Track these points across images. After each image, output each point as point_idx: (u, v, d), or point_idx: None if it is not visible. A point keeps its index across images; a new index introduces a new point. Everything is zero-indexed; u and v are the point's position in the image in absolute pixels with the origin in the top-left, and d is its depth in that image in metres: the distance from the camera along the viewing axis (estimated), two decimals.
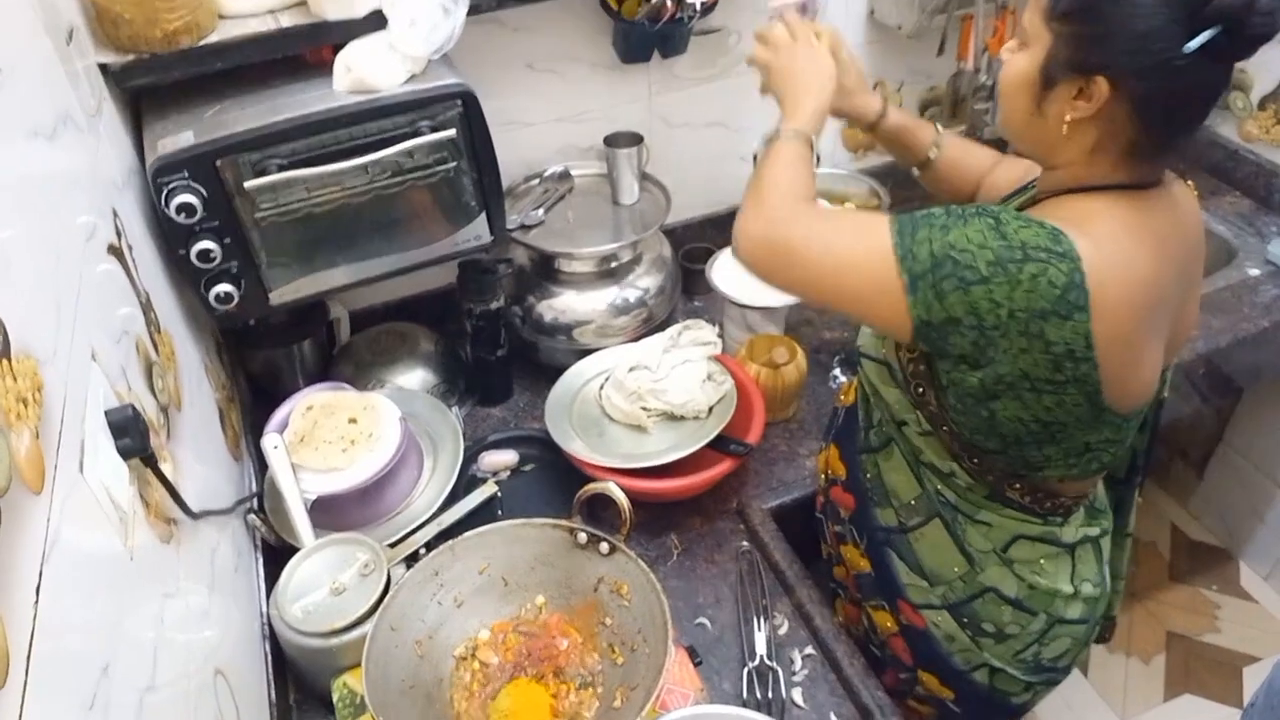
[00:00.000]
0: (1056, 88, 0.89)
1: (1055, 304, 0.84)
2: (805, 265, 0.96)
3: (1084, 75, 0.87)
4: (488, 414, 1.62)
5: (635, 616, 1.08)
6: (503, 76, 1.58)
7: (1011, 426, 0.95)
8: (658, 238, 1.68)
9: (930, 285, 0.88)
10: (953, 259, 0.87)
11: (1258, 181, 1.99)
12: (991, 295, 0.85)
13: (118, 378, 0.83)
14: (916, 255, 0.89)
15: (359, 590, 1.11)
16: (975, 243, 0.86)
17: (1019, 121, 0.95)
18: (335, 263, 1.29)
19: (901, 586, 1.17)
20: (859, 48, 1.85)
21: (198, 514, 0.93)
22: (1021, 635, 1.12)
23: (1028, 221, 0.87)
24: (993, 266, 0.85)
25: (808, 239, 0.96)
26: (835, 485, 1.27)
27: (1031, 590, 1.09)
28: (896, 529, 1.16)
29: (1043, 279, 0.84)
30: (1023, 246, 0.85)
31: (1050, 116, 0.91)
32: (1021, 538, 1.07)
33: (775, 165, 1.04)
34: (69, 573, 0.61)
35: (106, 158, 1.03)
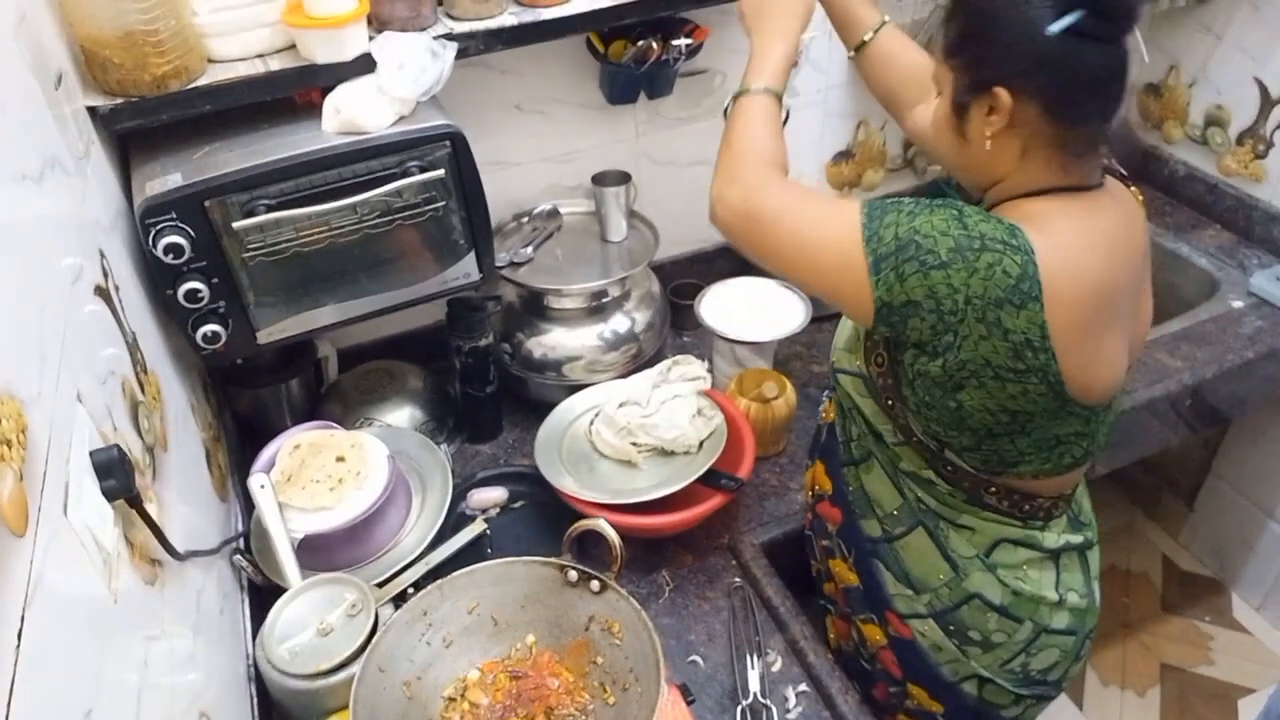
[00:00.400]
0: (969, 113, 0.96)
1: (1009, 293, 0.88)
2: (777, 236, 0.99)
3: (985, 93, 0.93)
4: (477, 451, 1.61)
5: (627, 655, 1.07)
6: (491, 118, 1.60)
7: (980, 418, 0.98)
8: (646, 274, 1.69)
9: (892, 267, 0.91)
10: (916, 243, 0.91)
11: (1238, 215, 2.02)
12: (949, 280, 0.90)
13: (103, 418, 0.82)
14: (882, 237, 0.92)
15: (346, 631, 1.10)
16: (938, 230, 0.91)
17: (951, 156, 1.02)
18: (323, 301, 1.29)
19: (889, 597, 1.18)
20: (841, 87, 1.88)
21: (183, 555, 0.92)
22: (1008, 644, 1.12)
23: (988, 217, 0.92)
24: (952, 253, 0.90)
25: (781, 212, 0.99)
26: (822, 500, 1.28)
27: (1016, 596, 1.10)
28: (882, 539, 1.17)
29: (998, 268, 0.88)
30: (981, 237, 0.90)
31: (974, 139, 0.97)
32: (1004, 542, 1.09)
33: (747, 128, 1.07)
34: (52, 616, 0.60)
35: (94, 200, 1.03)
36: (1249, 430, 2.14)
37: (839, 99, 1.89)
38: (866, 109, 1.93)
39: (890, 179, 2.07)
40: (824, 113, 1.90)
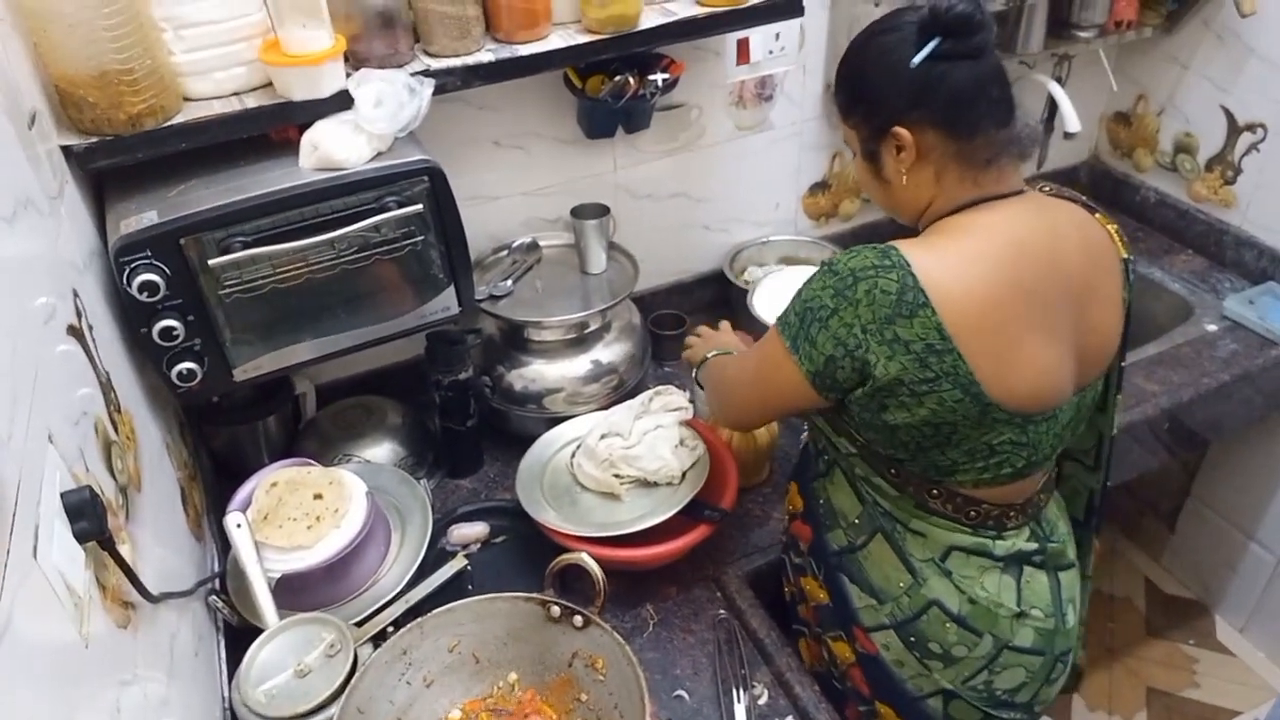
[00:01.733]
0: (881, 159, 1.05)
1: (895, 307, 0.95)
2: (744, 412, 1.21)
3: (885, 136, 1.02)
4: (457, 486, 1.60)
5: (611, 691, 1.05)
6: (470, 152, 1.60)
7: (908, 433, 1.02)
8: (626, 305, 1.70)
9: (805, 338, 1.01)
10: (809, 309, 1.01)
11: (1209, 240, 2.05)
12: (843, 320, 0.98)
13: (75, 459, 0.81)
14: (788, 322, 1.04)
15: (325, 672, 1.08)
16: (817, 288, 1.01)
17: (883, 200, 1.11)
18: (301, 337, 1.28)
19: (855, 611, 1.18)
20: (815, 121, 1.90)
21: (157, 597, 0.91)
22: (969, 659, 1.12)
23: (857, 252, 0.99)
24: (836, 298, 0.98)
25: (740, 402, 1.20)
26: (795, 519, 1.31)
27: (973, 605, 1.10)
28: (846, 549, 1.19)
29: (875, 290, 0.96)
30: (851, 273, 0.98)
31: (892, 180, 1.06)
32: (955, 549, 1.11)
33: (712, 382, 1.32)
34: (20, 662, 0.59)
35: (68, 239, 1.02)
36: (1227, 453, 2.15)
37: (814, 132, 1.92)
38: (840, 140, 1.95)
39: (866, 209, 2.09)
40: (799, 145, 1.92)
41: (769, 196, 1.97)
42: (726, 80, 1.76)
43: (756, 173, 1.91)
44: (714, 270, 1.96)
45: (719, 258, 1.95)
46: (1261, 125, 1.89)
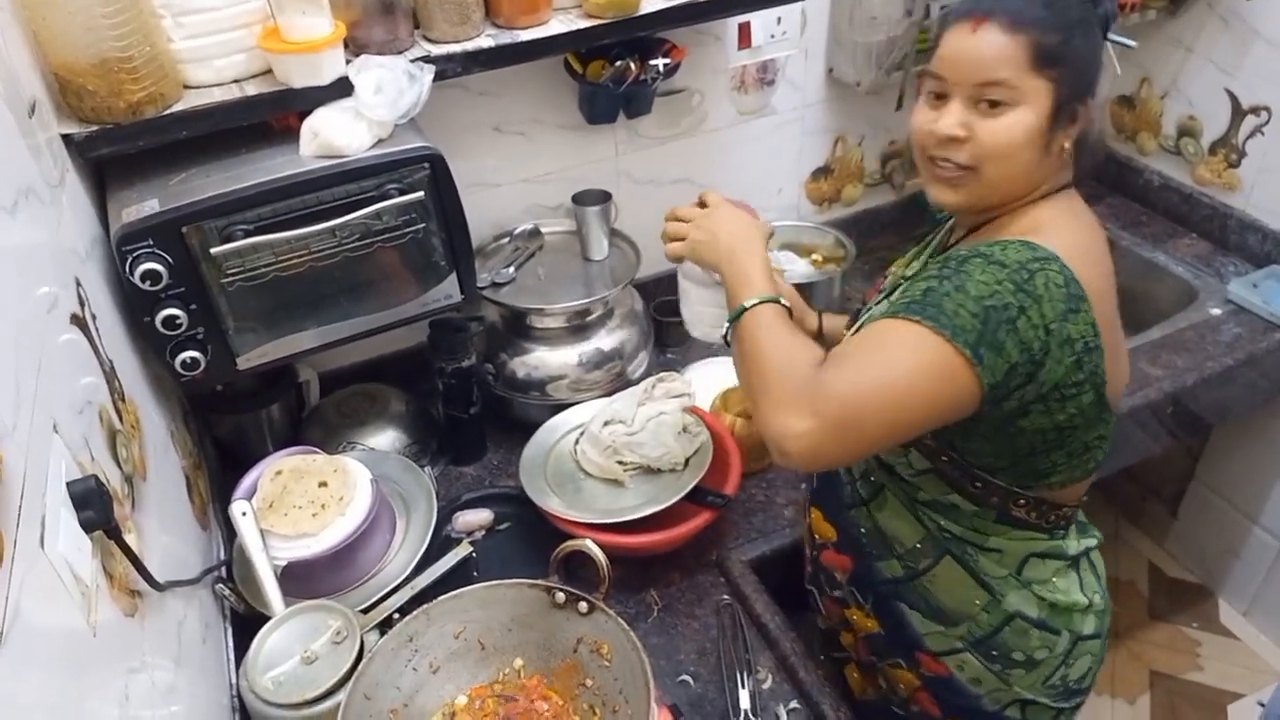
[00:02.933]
0: (1060, 123, 0.95)
1: (1067, 301, 0.89)
2: (870, 417, 0.88)
3: (1076, 103, 0.94)
4: (461, 473, 1.60)
5: (616, 676, 1.06)
6: (471, 139, 1.60)
7: (1029, 439, 0.97)
8: (629, 292, 1.69)
9: (988, 344, 0.87)
10: (989, 308, 0.88)
11: (1213, 224, 2.04)
12: (1030, 320, 0.88)
13: (80, 448, 0.81)
14: (962, 326, 0.87)
15: (331, 659, 1.08)
16: (992, 282, 0.89)
17: (1020, 173, 0.97)
18: (304, 326, 1.28)
19: (918, 637, 1.14)
20: (818, 105, 1.89)
21: (163, 585, 0.91)
22: (1049, 659, 1.11)
23: (1002, 244, 0.92)
24: (1018, 294, 0.88)
25: (856, 392, 0.88)
26: (825, 549, 1.23)
27: (1053, 608, 1.09)
28: (904, 578, 1.13)
29: (1051, 283, 0.89)
30: (1021, 265, 0.89)
31: (1053, 153, 0.96)
32: (1032, 556, 1.08)
33: (764, 348, 0.96)
34: (29, 651, 0.59)
35: (69, 228, 1.02)
36: (1230, 437, 2.15)
37: (816, 116, 1.91)
38: (843, 125, 1.95)
39: (869, 194, 2.09)
40: (801, 130, 1.91)
41: (771, 182, 1.96)
42: (728, 65, 1.75)
43: (759, 158, 1.90)
44: None
45: None
46: (1266, 108, 1.88)
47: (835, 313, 1.36)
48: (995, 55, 0.93)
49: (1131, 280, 1.08)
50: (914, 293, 0.93)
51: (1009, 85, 0.93)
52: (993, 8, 0.93)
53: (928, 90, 1.00)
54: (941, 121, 0.96)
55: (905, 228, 2.09)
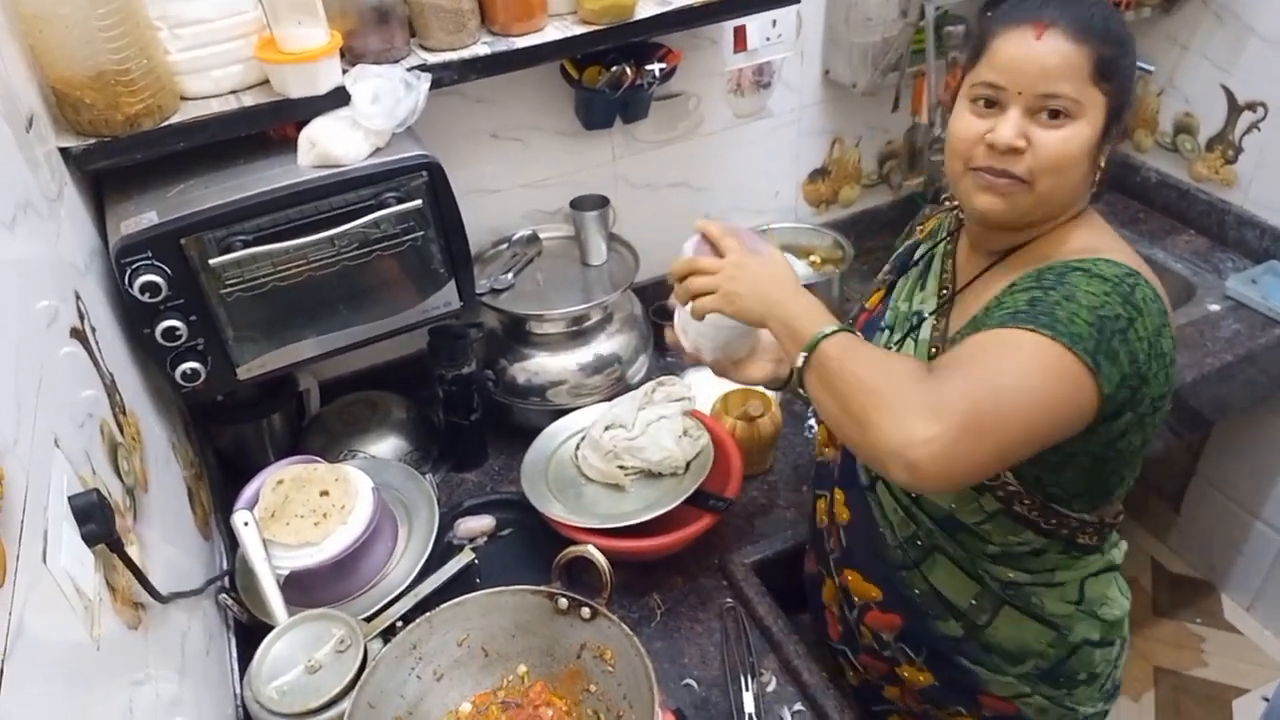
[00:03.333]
0: (1109, 135, 0.93)
1: (1160, 316, 0.89)
2: (1008, 417, 0.82)
3: (1122, 114, 0.93)
4: (463, 480, 1.60)
5: (620, 682, 1.06)
6: (468, 146, 1.60)
7: (1119, 458, 0.96)
8: (628, 297, 1.70)
9: (1105, 353, 0.84)
10: (1103, 318, 0.85)
11: (1210, 220, 2.05)
12: (1137, 333, 0.87)
13: (81, 462, 0.81)
14: (1080, 335, 0.84)
15: (335, 667, 1.08)
16: (1101, 293, 0.87)
17: (1070, 186, 0.94)
18: (303, 335, 1.29)
19: (980, 684, 1.12)
20: (814, 106, 1.89)
21: (166, 597, 0.91)
22: (1106, 668, 1.13)
23: (1093, 261, 0.90)
24: (1126, 305, 0.87)
25: (989, 394, 0.81)
26: (870, 610, 1.17)
27: (1111, 625, 1.10)
28: (965, 637, 1.10)
29: (1148, 297, 0.89)
30: (1119, 279, 0.88)
31: (1099, 166, 0.95)
32: (1089, 578, 1.08)
33: (858, 368, 0.86)
34: (33, 665, 0.59)
35: (68, 241, 1.03)
36: (1231, 433, 2.15)
37: (813, 118, 1.91)
38: (840, 126, 1.95)
39: (866, 195, 2.09)
40: (798, 132, 1.91)
41: (768, 184, 1.96)
42: (724, 68, 1.76)
43: (755, 160, 1.90)
44: None
45: None
46: (1262, 104, 1.88)
47: None
48: (1060, 64, 0.89)
49: None
50: (1015, 304, 0.88)
51: (1071, 97, 0.90)
52: (1057, 15, 0.90)
53: (974, 96, 0.94)
54: (1001, 131, 0.91)
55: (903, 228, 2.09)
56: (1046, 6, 0.91)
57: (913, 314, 1.10)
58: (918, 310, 1.10)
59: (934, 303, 1.09)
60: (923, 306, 1.10)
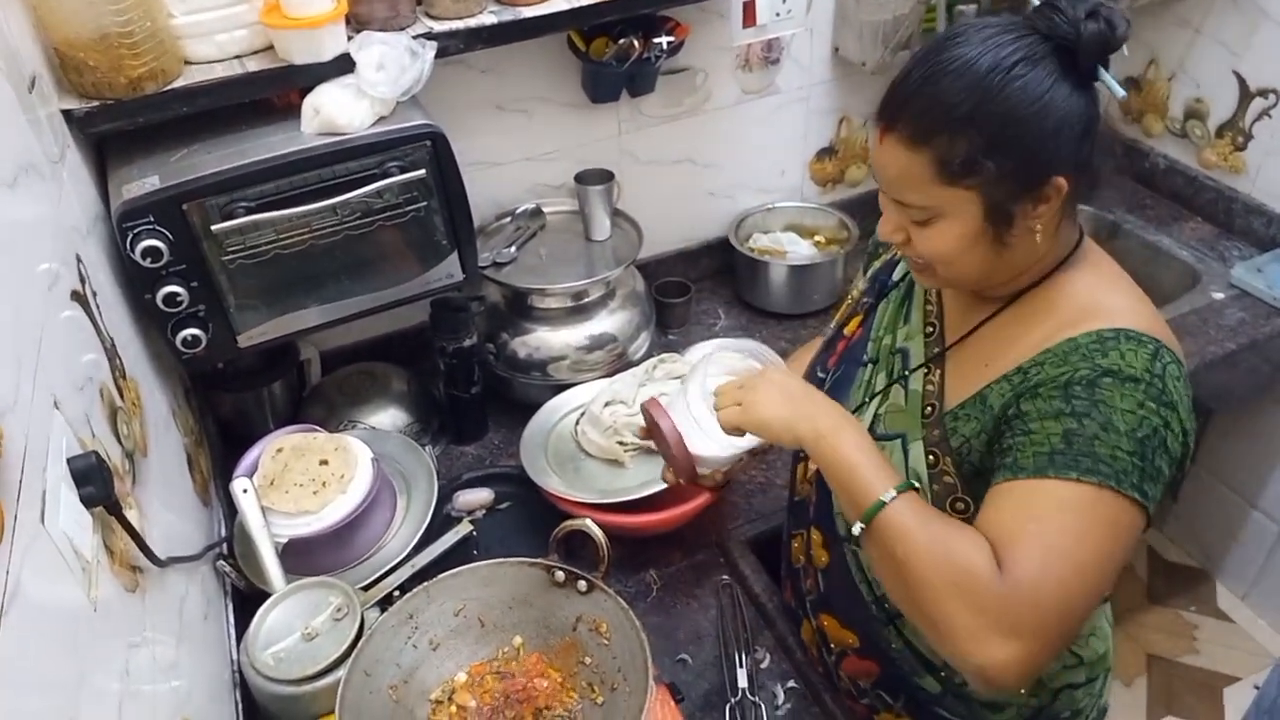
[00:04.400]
0: (1013, 219, 0.86)
1: (1188, 389, 0.85)
2: (1076, 604, 0.80)
3: (1036, 189, 0.85)
4: (462, 452, 1.60)
5: (615, 655, 1.06)
6: (472, 117, 1.59)
7: None
8: (630, 273, 1.69)
9: (1150, 477, 0.81)
10: (1143, 439, 0.81)
11: (1218, 207, 2.03)
12: (1174, 433, 0.83)
13: (81, 425, 0.81)
14: (1126, 470, 0.80)
15: (332, 635, 1.09)
16: (1136, 409, 0.82)
17: (982, 269, 0.90)
18: (305, 304, 1.28)
19: None
20: (822, 85, 1.88)
21: (164, 562, 0.91)
22: (1090, 700, 1.10)
23: (1117, 348, 0.84)
24: (1161, 410, 0.82)
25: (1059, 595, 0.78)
26: (846, 657, 1.15)
27: (1092, 665, 1.07)
28: (945, 693, 1.07)
29: (1179, 381, 0.84)
30: (1149, 373, 0.83)
31: (1018, 241, 0.88)
32: None
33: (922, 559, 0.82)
34: (30, 625, 0.59)
35: (70, 204, 1.02)
36: (1231, 421, 2.15)
37: (821, 96, 1.90)
38: (848, 105, 1.94)
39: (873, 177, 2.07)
40: (806, 110, 1.90)
41: (775, 162, 1.95)
42: (732, 43, 1.74)
43: (763, 138, 1.89)
44: (719, 237, 1.95)
45: (724, 224, 1.94)
46: (1273, 91, 1.86)
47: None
48: (899, 174, 0.87)
49: (1135, 264, 1.03)
50: (1049, 439, 0.82)
51: (918, 205, 0.87)
52: (896, 114, 0.85)
53: None
54: (881, 227, 0.93)
55: None
56: (890, 102, 0.87)
57: (897, 350, 1.05)
58: (903, 348, 1.04)
59: (920, 343, 1.03)
60: (908, 344, 1.04)
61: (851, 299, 1.19)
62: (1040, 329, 0.90)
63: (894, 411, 1.00)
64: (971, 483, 0.92)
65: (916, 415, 0.98)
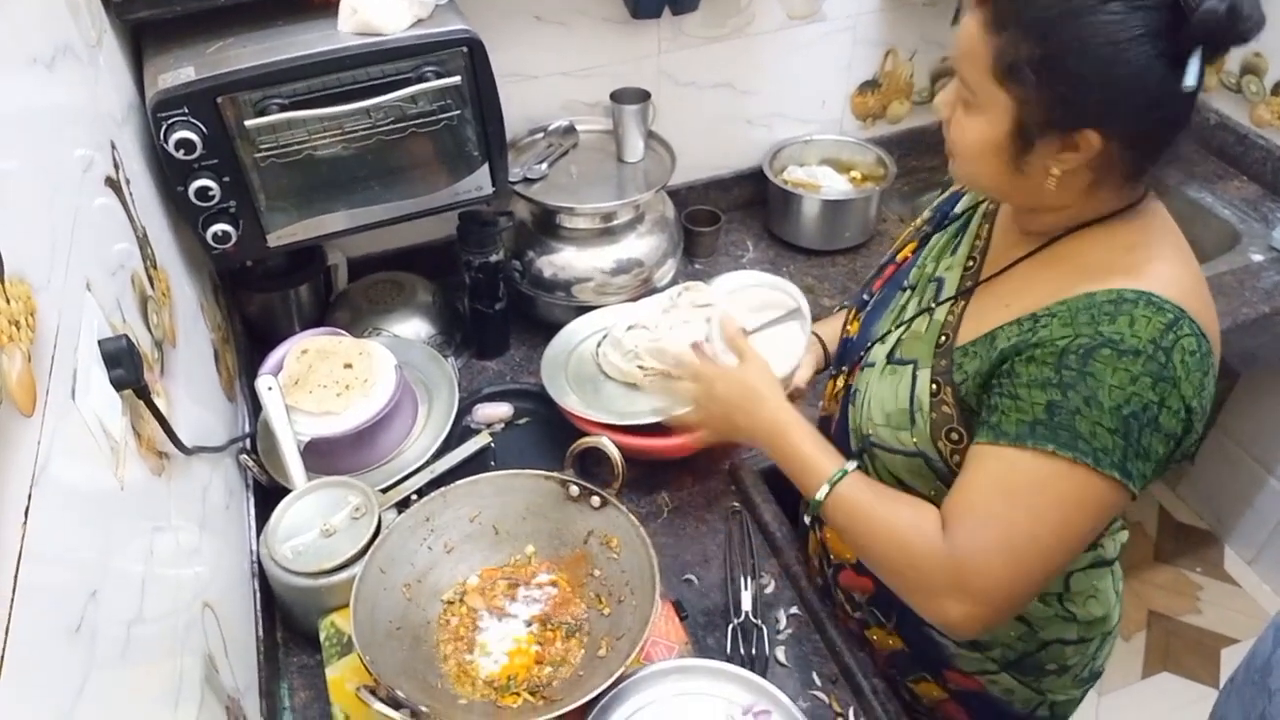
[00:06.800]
0: (1035, 148, 0.83)
1: (1202, 369, 0.82)
2: (1036, 576, 0.84)
3: (1069, 131, 0.81)
4: (484, 367, 1.62)
5: (624, 569, 1.09)
6: (509, 27, 1.56)
7: None
8: (661, 198, 1.67)
9: (1135, 455, 0.80)
10: (1129, 417, 0.79)
11: (1266, 167, 1.98)
12: (1171, 410, 0.80)
13: (112, 310, 0.82)
14: (1103, 448, 0.80)
15: (349, 533, 1.12)
16: (1127, 384, 0.79)
17: (993, 181, 0.89)
18: (335, 207, 1.28)
19: (948, 658, 1.10)
20: (871, 15, 1.82)
21: (190, 449, 0.94)
22: (1082, 659, 1.09)
23: (1129, 315, 0.81)
24: (1157, 386, 0.79)
25: (1010, 566, 0.83)
26: (844, 570, 1.16)
27: (1089, 624, 1.06)
28: None
29: (1187, 356, 0.80)
30: (1154, 345, 0.79)
31: (1033, 172, 0.85)
32: (1074, 573, 1.03)
33: (868, 532, 0.92)
34: (58, 498, 0.61)
35: (106, 90, 1.02)
36: (1256, 386, 2.13)
37: (868, 26, 1.84)
38: (896, 37, 1.88)
39: (915, 113, 2.03)
40: (852, 39, 1.85)
41: (816, 92, 1.91)
42: None
43: (805, 66, 1.85)
44: (753, 168, 1.92)
45: (759, 154, 1.91)
46: None
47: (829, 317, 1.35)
48: (966, 49, 0.84)
49: (1175, 220, 0.99)
50: (1033, 407, 0.82)
51: (969, 85, 0.85)
52: None
53: None
54: (939, 95, 0.91)
55: None
56: None
57: (935, 279, 1.03)
58: (940, 278, 1.03)
59: (957, 275, 1.01)
60: (946, 275, 1.03)
61: (914, 227, 1.17)
62: (1064, 277, 0.88)
63: (913, 338, 1.00)
64: (968, 417, 0.92)
65: (931, 344, 0.97)
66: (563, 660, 1.04)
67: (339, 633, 1.09)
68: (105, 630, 0.64)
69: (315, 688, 1.12)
